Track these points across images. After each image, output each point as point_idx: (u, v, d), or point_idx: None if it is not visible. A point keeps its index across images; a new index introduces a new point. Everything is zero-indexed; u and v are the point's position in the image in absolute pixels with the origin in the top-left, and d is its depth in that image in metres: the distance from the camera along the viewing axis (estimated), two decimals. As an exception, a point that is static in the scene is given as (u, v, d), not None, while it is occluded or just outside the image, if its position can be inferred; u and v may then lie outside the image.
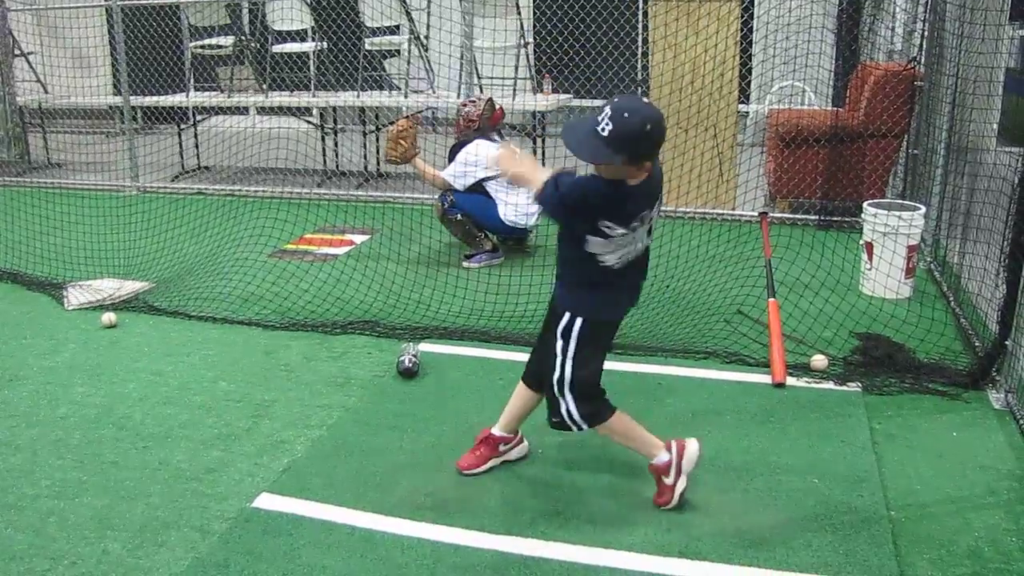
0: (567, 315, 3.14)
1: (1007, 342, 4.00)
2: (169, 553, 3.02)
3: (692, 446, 3.24)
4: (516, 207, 6.19)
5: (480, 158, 6.11)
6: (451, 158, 6.36)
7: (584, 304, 3.15)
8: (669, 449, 3.22)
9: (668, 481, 3.22)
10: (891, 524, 3.13)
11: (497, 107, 6.46)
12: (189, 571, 2.92)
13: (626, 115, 2.81)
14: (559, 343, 3.15)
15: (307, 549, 3.03)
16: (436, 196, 6.52)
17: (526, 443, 3.61)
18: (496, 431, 3.52)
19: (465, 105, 6.47)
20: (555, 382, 3.17)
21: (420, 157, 6.23)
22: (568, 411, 3.18)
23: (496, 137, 6.37)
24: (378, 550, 3.02)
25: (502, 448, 3.53)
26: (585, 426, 3.22)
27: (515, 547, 3.03)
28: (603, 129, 2.82)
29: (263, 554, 3.00)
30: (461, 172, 6.20)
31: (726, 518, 3.17)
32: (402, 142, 6.08)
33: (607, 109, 2.84)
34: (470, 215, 6.24)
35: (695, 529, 3.11)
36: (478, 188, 6.28)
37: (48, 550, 3.04)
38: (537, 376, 3.37)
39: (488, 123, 6.35)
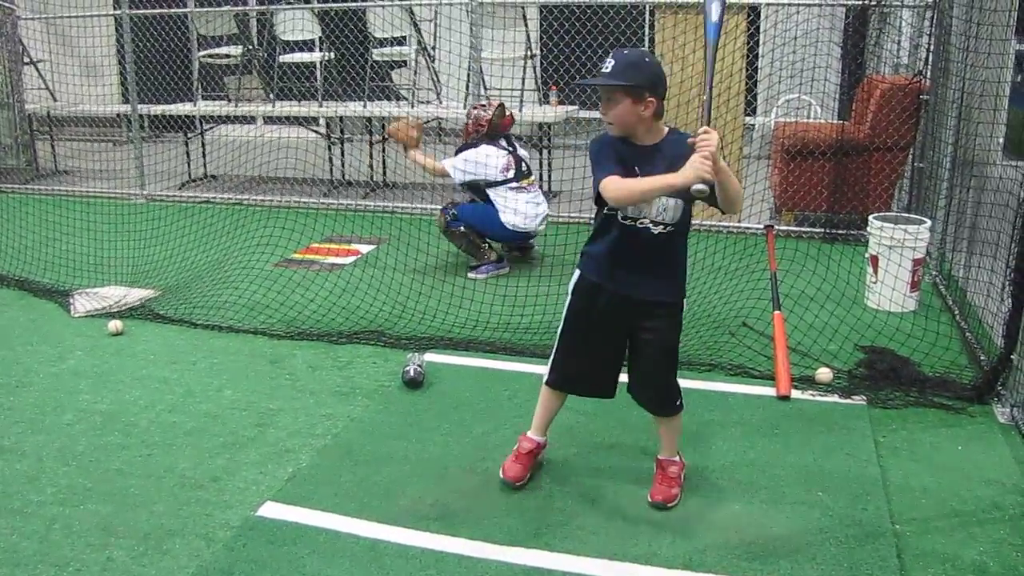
0: (683, 303, 3.26)
1: (1012, 356, 3.99)
2: (173, 561, 3.02)
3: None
4: (517, 212, 6.20)
5: (487, 164, 6.13)
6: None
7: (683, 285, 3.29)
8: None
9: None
10: (895, 538, 3.12)
11: (508, 113, 6.47)
12: (193, 579, 2.92)
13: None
14: (673, 336, 3.25)
15: (311, 558, 3.03)
16: (439, 208, 6.54)
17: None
18: (538, 437, 3.53)
19: (476, 108, 6.49)
20: (675, 374, 3.31)
21: (420, 152, 6.25)
22: (680, 391, 3.34)
23: (504, 143, 6.38)
24: (382, 560, 3.02)
25: (541, 455, 3.56)
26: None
27: (519, 558, 3.03)
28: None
29: (267, 563, 3.00)
30: (462, 166, 6.21)
31: (731, 530, 3.17)
32: (414, 132, 6.10)
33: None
34: (472, 226, 6.25)
35: (699, 541, 3.10)
36: (480, 196, 6.29)
37: (53, 557, 3.05)
38: (602, 387, 3.41)
39: (498, 128, 6.36)
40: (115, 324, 5.17)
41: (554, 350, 3.40)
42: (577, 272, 3.31)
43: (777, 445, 3.79)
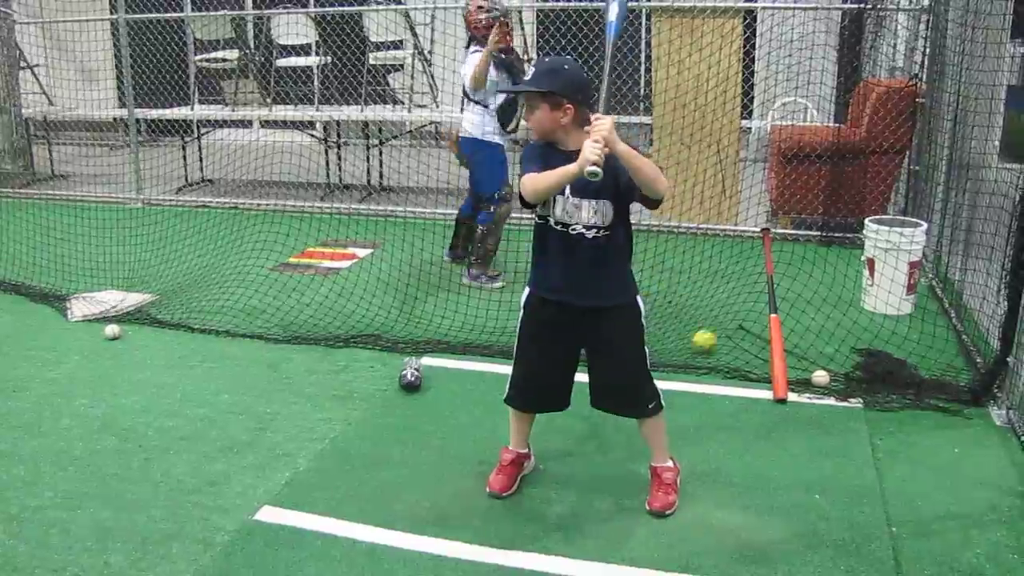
0: (637, 302, 3.24)
1: (1008, 359, 4.00)
2: (171, 565, 3.02)
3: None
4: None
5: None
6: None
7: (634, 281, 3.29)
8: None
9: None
10: (892, 540, 3.13)
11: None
12: (191, 583, 2.92)
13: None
14: (631, 338, 3.22)
15: (309, 562, 3.03)
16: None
17: (533, 458, 3.62)
18: (520, 449, 3.52)
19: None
20: (647, 372, 3.28)
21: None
22: (655, 392, 3.29)
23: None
24: (380, 564, 3.02)
25: (526, 465, 3.56)
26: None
27: (516, 561, 3.04)
28: None
29: (265, 567, 3.00)
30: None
31: (727, 534, 3.17)
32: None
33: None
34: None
35: (696, 544, 3.11)
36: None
37: (50, 561, 3.05)
38: (556, 401, 3.41)
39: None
40: (112, 329, 5.17)
41: (512, 367, 3.43)
42: (526, 288, 3.33)
43: (774, 448, 3.79)
